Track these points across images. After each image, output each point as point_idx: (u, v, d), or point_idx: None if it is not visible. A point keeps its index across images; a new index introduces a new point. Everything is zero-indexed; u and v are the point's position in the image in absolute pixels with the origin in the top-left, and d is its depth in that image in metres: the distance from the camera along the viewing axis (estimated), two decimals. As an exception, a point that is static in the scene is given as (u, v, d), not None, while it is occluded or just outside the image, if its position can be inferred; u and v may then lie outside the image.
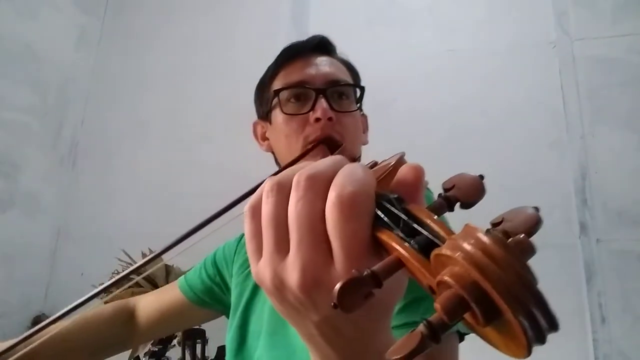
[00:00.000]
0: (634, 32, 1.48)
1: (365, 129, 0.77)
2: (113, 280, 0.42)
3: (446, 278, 0.18)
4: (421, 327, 0.18)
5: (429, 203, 0.26)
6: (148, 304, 0.82)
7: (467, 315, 0.18)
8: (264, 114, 0.75)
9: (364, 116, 0.77)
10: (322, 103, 0.64)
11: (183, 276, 0.84)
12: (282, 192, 0.27)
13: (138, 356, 1.29)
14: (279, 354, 0.62)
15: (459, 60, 1.61)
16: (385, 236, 0.23)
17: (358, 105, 0.72)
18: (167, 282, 1.38)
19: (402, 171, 0.28)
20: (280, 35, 1.75)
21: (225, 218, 0.51)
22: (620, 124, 1.42)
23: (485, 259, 0.17)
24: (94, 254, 1.70)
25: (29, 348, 0.40)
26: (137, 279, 1.05)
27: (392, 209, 0.24)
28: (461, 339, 0.55)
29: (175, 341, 1.33)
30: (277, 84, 0.71)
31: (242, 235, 0.83)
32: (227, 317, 0.82)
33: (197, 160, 1.76)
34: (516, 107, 1.51)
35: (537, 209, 0.23)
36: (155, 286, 1.38)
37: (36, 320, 1.63)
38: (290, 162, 0.57)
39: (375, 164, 0.53)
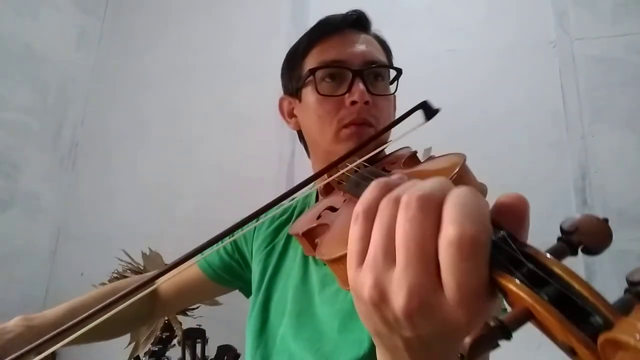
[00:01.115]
0: (633, 32, 1.48)
1: (394, 108, 0.75)
2: (130, 288, 0.42)
3: None
4: None
5: None
6: (167, 282, 0.82)
7: None
8: (294, 91, 0.71)
9: (394, 95, 0.74)
10: (359, 85, 0.63)
11: (202, 260, 0.84)
12: (396, 207, 0.27)
13: (138, 356, 1.29)
14: (307, 336, 0.62)
15: (459, 60, 1.61)
16: (509, 283, 0.22)
17: (394, 89, 0.70)
18: (167, 282, 1.38)
19: (508, 202, 0.26)
20: (280, 35, 1.75)
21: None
22: (620, 124, 1.42)
23: None
24: (94, 254, 1.70)
25: (79, 333, 0.41)
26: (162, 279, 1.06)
27: (510, 249, 0.23)
28: None
29: (175, 341, 1.33)
30: (311, 61, 0.68)
31: None
32: (245, 293, 0.83)
33: (197, 160, 1.76)
34: (516, 107, 1.51)
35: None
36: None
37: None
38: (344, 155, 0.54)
39: (431, 157, 0.53)
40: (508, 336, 0.21)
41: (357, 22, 0.70)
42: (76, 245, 1.77)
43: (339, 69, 0.65)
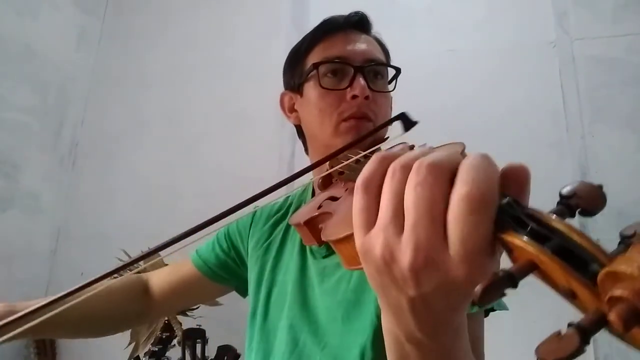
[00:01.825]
0: (634, 32, 1.48)
1: (391, 108, 0.78)
2: (111, 270, 0.43)
3: (627, 293, 0.19)
4: (572, 331, 0.19)
5: None
6: (161, 278, 0.83)
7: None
8: (295, 86, 0.74)
9: (391, 95, 0.78)
10: (360, 81, 0.65)
11: (195, 251, 0.84)
12: (406, 174, 0.28)
13: (138, 356, 1.29)
14: (310, 327, 0.63)
15: (459, 60, 1.61)
16: (515, 240, 0.24)
17: (393, 86, 0.73)
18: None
19: (512, 171, 0.29)
20: (280, 35, 1.75)
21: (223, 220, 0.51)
22: (620, 124, 1.42)
23: None
24: (94, 254, 1.70)
25: (51, 314, 0.42)
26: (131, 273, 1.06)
27: (514, 212, 0.25)
28: (486, 314, 0.58)
29: (175, 341, 1.33)
30: (314, 57, 0.70)
31: (256, 211, 0.83)
32: (240, 292, 0.83)
33: (197, 160, 1.76)
34: (516, 107, 1.51)
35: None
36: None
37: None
38: (348, 145, 0.57)
39: (430, 148, 0.54)
40: (514, 284, 0.23)
41: (359, 23, 0.73)
42: (76, 245, 1.77)
43: (341, 64, 0.67)
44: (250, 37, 1.85)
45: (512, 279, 0.22)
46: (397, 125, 0.56)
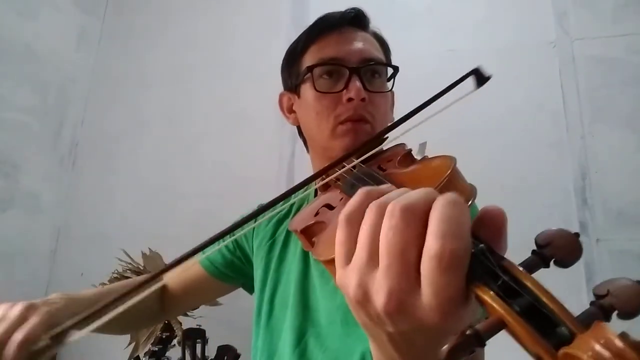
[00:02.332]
0: (634, 32, 1.48)
1: (392, 105, 0.76)
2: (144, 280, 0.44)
3: None
4: None
5: (472, 217, 0.27)
6: (174, 281, 0.84)
7: None
8: (293, 87, 0.73)
9: (392, 92, 0.75)
10: (356, 83, 0.64)
11: (204, 259, 0.85)
12: (381, 215, 0.28)
13: (138, 356, 1.29)
14: (312, 330, 0.64)
15: (459, 60, 1.61)
16: (486, 296, 0.24)
17: (391, 86, 0.71)
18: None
19: (488, 216, 0.28)
20: (280, 35, 1.75)
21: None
22: (620, 124, 1.42)
23: None
24: (94, 254, 1.70)
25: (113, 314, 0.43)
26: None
27: (487, 262, 0.25)
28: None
29: (175, 341, 1.33)
30: (309, 58, 0.69)
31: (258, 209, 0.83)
32: (247, 289, 0.84)
33: (197, 160, 1.76)
34: (516, 107, 1.51)
35: (639, 282, 0.23)
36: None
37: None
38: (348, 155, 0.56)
39: (425, 157, 0.54)
40: (482, 344, 0.22)
41: (356, 19, 0.71)
42: (76, 245, 1.77)
43: (336, 66, 0.66)
44: (250, 37, 1.85)
45: (479, 339, 0.22)
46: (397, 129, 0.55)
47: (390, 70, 0.71)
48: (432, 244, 0.25)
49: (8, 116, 1.61)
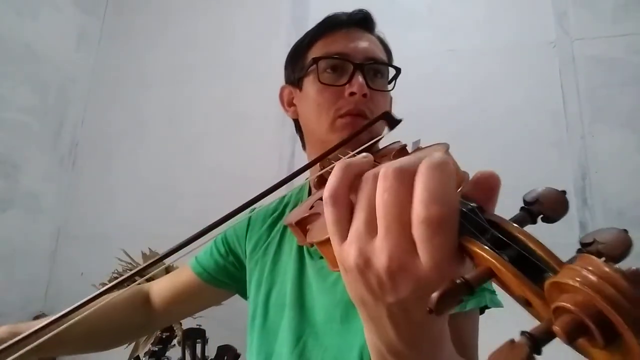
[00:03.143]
0: (634, 32, 1.48)
1: (390, 106, 0.77)
2: (116, 282, 0.42)
3: (569, 306, 0.19)
4: (523, 340, 0.20)
5: None
6: (162, 288, 0.83)
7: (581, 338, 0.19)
8: (295, 80, 0.74)
9: (390, 95, 0.77)
10: (359, 78, 0.65)
11: (193, 257, 0.84)
12: (374, 183, 0.29)
13: (138, 356, 1.29)
14: (310, 329, 0.64)
15: (459, 60, 1.61)
16: (474, 247, 0.25)
17: (392, 86, 0.73)
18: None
19: (481, 178, 0.29)
20: (280, 35, 1.75)
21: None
22: (620, 124, 1.42)
23: (612, 291, 0.18)
24: (94, 254, 1.70)
25: (56, 331, 0.42)
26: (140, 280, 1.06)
27: (477, 219, 0.26)
28: (481, 312, 0.58)
29: (175, 341, 1.33)
30: (315, 52, 0.70)
31: (251, 216, 0.83)
32: (242, 295, 0.83)
33: (197, 160, 1.76)
34: (516, 107, 1.51)
35: (625, 230, 0.24)
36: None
37: (36, 319, 1.63)
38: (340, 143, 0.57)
39: (419, 149, 0.54)
40: (471, 292, 0.23)
41: (363, 21, 0.72)
42: (76, 245, 1.77)
43: (341, 61, 0.67)
44: (250, 37, 1.85)
45: (468, 286, 0.23)
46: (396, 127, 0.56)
47: (392, 73, 0.73)
48: (418, 209, 0.26)
49: (8, 116, 1.61)
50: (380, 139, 0.62)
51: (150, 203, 1.75)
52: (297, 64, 0.74)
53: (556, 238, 0.28)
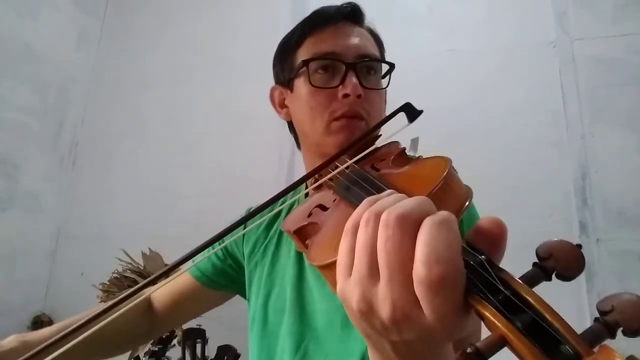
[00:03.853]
0: (634, 32, 1.48)
1: (385, 102, 0.74)
2: (127, 293, 0.42)
3: None
4: None
5: (471, 218, 0.27)
6: (162, 294, 0.82)
7: None
8: (286, 81, 0.71)
9: (385, 90, 0.73)
10: (352, 79, 0.62)
11: (194, 268, 0.83)
12: (376, 226, 0.28)
13: (138, 356, 1.29)
14: (311, 334, 0.63)
15: (459, 60, 1.61)
16: (486, 311, 0.23)
17: (386, 82, 0.70)
18: (167, 282, 1.38)
19: (486, 226, 0.27)
20: (280, 35, 1.74)
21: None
22: (620, 124, 1.42)
23: None
24: (94, 254, 1.70)
25: (68, 346, 0.41)
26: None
27: (487, 276, 0.24)
28: None
29: (175, 341, 1.33)
30: (304, 52, 0.67)
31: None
32: (243, 295, 0.82)
33: (197, 160, 1.76)
34: (516, 107, 1.51)
35: None
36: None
37: (36, 320, 1.63)
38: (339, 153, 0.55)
39: (419, 158, 0.53)
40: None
41: (352, 14, 0.69)
42: (76, 245, 1.77)
43: (332, 61, 0.64)
44: (250, 37, 1.85)
45: (480, 357, 0.22)
46: (397, 120, 0.55)
47: (385, 68, 0.70)
48: (419, 269, 0.25)
49: (8, 116, 1.61)
50: (399, 131, 0.57)
51: (150, 203, 1.75)
52: (285, 64, 0.71)
53: (556, 238, 0.27)
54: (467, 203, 0.36)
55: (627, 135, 1.41)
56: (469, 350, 0.22)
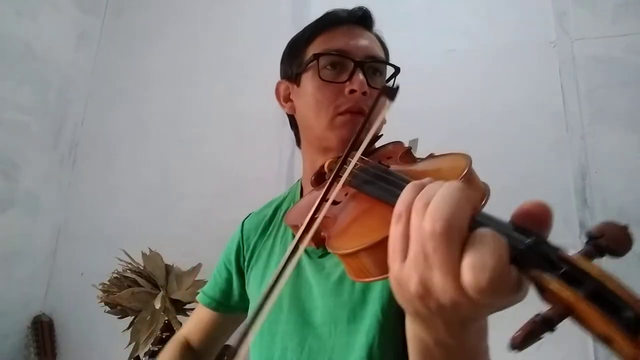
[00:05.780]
0: (634, 32, 1.48)
1: None
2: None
3: None
4: None
5: None
6: (193, 330, 0.86)
7: None
8: (293, 76, 0.73)
9: None
10: (360, 76, 0.65)
11: (202, 295, 0.85)
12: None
13: (138, 356, 1.29)
14: (313, 330, 0.63)
15: (459, 60, 1.61)
16: (550, 285, 0.25)
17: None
18: (166, 282, 1.38)
19: (534, 209, 0.29)
20: (280, 35, 1.74)
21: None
22: (620, 124, 1.42)
23: None
24: (94, 254, 1.70)
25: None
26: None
27: (547, 252, 0.26)
28: None
29: (175, 341, 1.33)
30: (315, 48, 0.69)
31: (243, 224, 0.83)
32: None
33: (197, 160, 1.76)
34: (516, 107, 1.51)
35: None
36: (155, 285, 1.38)
37: (36, 320, 1.63)
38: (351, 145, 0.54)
39: (431, 155, 0.54)
40: (552, 329, 0.24)
41: (362, 19, 0.72)
42: (76, 245, 1.77)
43: (341, 58, 0.67)
44: (250, 37, 1.85)
45: (549, 325, 0.24)
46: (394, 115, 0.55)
47: (389, 72, 0.73)
48: (427, 224, 0.28)
49: (8, 116, 1.61)
50: (385, 111, 0.55)
51: (150, 203, 1.75)
52: (295, 59, 0.73)
53: (556, 238, 0.27)
54: (484, 200, 0.38)
55: (627, 135, 1.41)
56: (537, 319, 0.24)
